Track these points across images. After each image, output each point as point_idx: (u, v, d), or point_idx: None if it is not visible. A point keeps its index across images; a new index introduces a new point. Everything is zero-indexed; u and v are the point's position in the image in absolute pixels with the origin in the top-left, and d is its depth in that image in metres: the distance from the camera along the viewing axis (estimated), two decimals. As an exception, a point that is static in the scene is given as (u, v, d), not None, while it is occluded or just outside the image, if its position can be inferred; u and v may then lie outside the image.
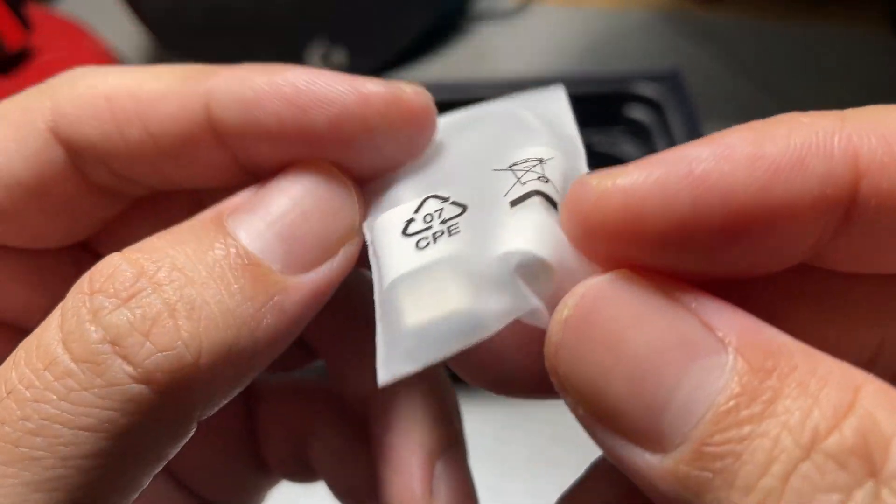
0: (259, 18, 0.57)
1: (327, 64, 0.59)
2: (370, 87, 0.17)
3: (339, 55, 0.59)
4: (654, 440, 0.12)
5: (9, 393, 0.12)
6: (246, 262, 0.14)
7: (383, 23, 0.59)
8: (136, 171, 0.18)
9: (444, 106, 0.17)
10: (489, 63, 0.63)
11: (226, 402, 0.14)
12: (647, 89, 0.49)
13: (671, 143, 0.47)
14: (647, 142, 0.49)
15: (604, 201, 0.13)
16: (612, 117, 0.50)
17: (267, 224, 0.15)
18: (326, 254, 0.16)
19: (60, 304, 0.14)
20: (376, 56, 0.60)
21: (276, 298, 0.14)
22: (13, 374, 0.12)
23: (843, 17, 0.65)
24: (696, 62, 0.61)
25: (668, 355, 0.12)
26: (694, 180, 0.12)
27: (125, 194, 0.19)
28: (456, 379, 0.18)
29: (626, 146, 0.50)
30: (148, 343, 0.12)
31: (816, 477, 0.11)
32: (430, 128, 0.18)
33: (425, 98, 0.17)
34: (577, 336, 0.13)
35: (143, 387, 0.12)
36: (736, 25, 0.65)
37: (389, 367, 0.13)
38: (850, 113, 0.13)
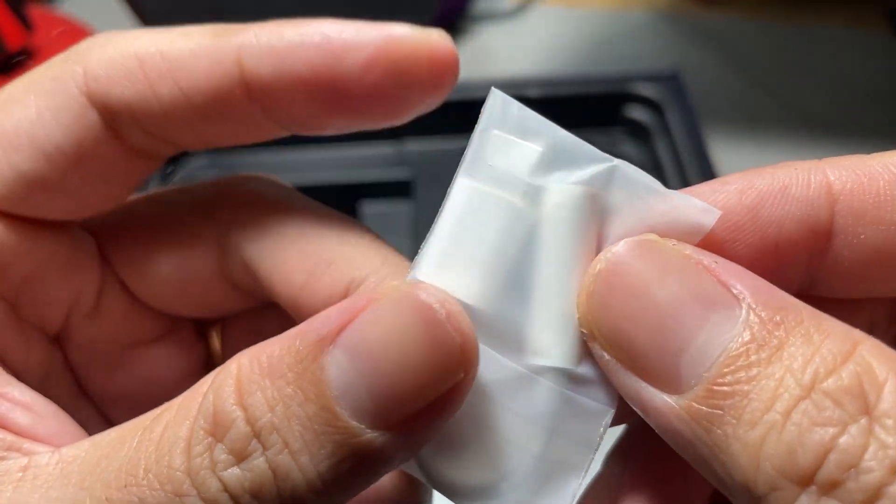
0: (259, 18, 0.57)
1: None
2: (398, 31, 0.17)
3: (340, 55, 0.59)
4: (671, 382, 0.14)
5: (140, 500, 0.14)
6: (335, 428, 0.14)
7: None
8: (169, 130, 0.18)
9: (445, 106, 0.17)
10: (489, 63, 0.63)
11: None
12: (647, 90, 0.49)
13: (671, 143, 0.47)
14: (647, 142, 0.49)
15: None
16: (612, 117, 0.50)
17: (361, 379, 0.14)
18: (425, 413, 0.14)
19: (177, 412, 0.15)
20: (376, 56, 0.60)
21: (362, 461, 0.14)
22: (167, 483, 0.14)
23: (843, 17, 0.65)
24: (696, 62, 0.61)
25: (688, 306, 0.14)
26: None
27: (159, 155, 0.19)
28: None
29: (625, 146, 0.50)
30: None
31: (815, 413, 0.12)
32: (454, 69, 0.18)
33: (449, 41, 0.18)
34: (607, 286, 0.15)
35: None
36: (736, 25, 0.65)
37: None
38: (828, 159, 0.16)
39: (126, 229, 0.20)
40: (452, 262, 0.16)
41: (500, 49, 0.65)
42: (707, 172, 0.44)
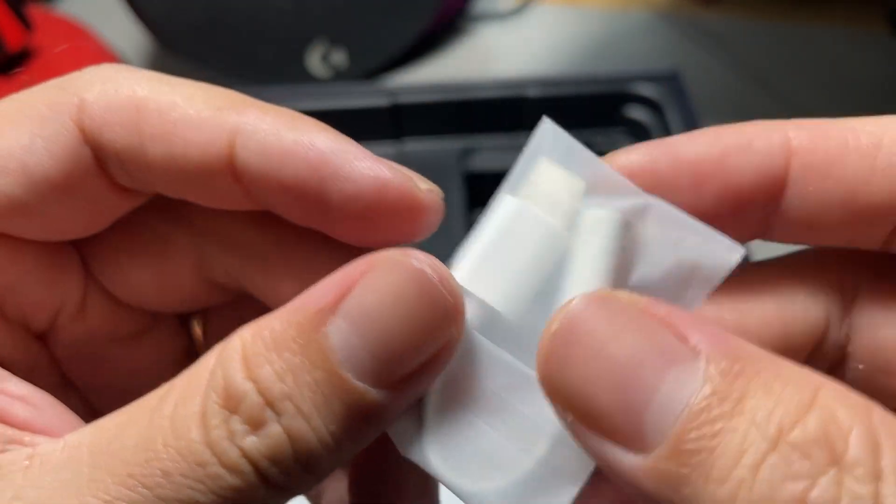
0: (259, 18, 0.57)
1: (327, 64, 0.59)
2: (389, 176, 0.17)
3: (339, 55, 0.59)
4: (636, 441, 0.13)
5: (181, 474, 0.14)
6: (342, 391, 0.15)
7: (383, 23, 0.59)
8: (151, 183, 0.18)
9: (445, 106, 0.18)
10: (489, 63, 0.63)
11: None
12: (646, 90, 0.49)
13: (671, 143, 0.47)
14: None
15: (614, 167, 0.18)
16: (611, 118, 0.50)
17: (363, 343, 0.15)
18: (421, 370, 0.16)
19: (185, 390, 0.15)
20: (376, 56, 0.60)
21: (367, 418, 0.15)
22: (189, 455, 0.14)
23: (843, 17, 0.65)
24: (696, 62, 0.61)
25: (647, 362, 0.13)
26: (670, 152, 0.18)
27: (145, 193, 0.19)
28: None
29: (625, 146, 0.50)
30: (274, 468, 0.15)
31: (783, 466, 0.12)
32: (432, 223, 0.18)
33: (436, 197, 0.18)
34: (564, 346, 0.14)
35: (265, 487, 0.15)
36: (736, 25, 0.65)
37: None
38: (794, 119, 0.17)
39: (104, 235, 0.21)
40: (488, 270, 0.17)
41: (500, 49, 0.65)
42: (707, 172, 0.44)
